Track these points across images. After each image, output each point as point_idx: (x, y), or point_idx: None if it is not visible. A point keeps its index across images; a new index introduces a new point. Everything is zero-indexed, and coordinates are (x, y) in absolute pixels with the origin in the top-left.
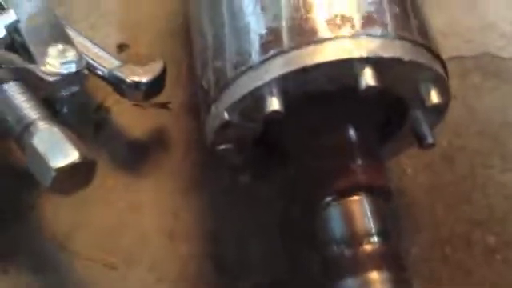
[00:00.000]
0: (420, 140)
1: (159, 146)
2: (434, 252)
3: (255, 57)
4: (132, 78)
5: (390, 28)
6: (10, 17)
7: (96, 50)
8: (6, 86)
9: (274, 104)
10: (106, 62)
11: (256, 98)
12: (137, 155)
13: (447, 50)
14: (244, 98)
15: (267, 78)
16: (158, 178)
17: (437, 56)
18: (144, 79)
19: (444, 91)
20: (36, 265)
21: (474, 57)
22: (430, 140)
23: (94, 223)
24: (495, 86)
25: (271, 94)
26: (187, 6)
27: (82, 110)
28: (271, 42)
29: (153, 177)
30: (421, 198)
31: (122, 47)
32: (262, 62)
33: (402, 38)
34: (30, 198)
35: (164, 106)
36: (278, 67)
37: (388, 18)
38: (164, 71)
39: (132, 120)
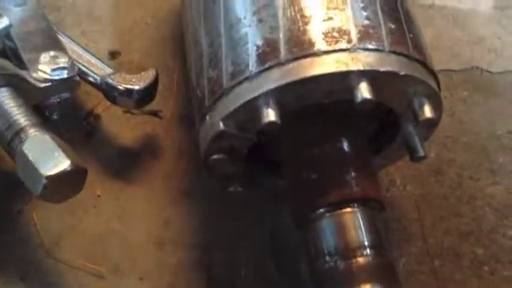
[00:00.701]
0: (411, 153)
1: (149, 153)
2: (423, 264)
3: (252, 67)
4: (124, 86)
5: (386, 42)
6: (2, 22)
7: (88, 56)
8: None
9: (271, 115)
10: (98, 69)
11: (252, 108)
12: (127, 163)
13: (435, 63)
14: (240, 108)
15: (264, 89)
16: (148, 186)
17: (431, 71)
18: (136, 87)
19: (437, 106)
20: (22, 272)
21: (462, 70)
22: (421, 153)
23: (82, 231)
24: (483, 99)
25: (267, 105)
26: (181, 15)
27: (72, 117)
28: (268, 54)
29: (143, 185)
30: (409, 209)
31: (114, 54)
32: (259, 72)
33: (397, 53)
34: (17, 204)
35: (155, 114)
36: (275, 79)
37: (384, 33)
38: (156, 80)
39: (122, 127)
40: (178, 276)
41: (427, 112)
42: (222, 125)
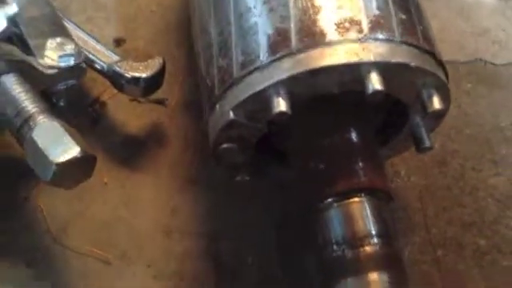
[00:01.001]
0: (418, 143)
1: (155, 142)
2: (426, 253)
3: (263, 57)
4: (131, 74)
5: (396, 33)
6: (11, 9)
7: (94, 43)
8: (3, 78)
9: (281, 105)
10: (105, 56)
11: (262, 98)
12: (133, 150)
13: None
14: (250, 98)
15: (274, 79)
16: (154, 174)
17: (440, 62)
18: (143, 75)
19: (445, 98)
20: (29, 258)
21: (466, 62)
22: (427, 144)
23: (90, 218)
24: (487, 91)
25: (278, 95)
26: (186, 2)
27: (79, 104)
28: (279, 43)
29: (149, 173)
30: (413, 200)
31: (118, 41)
32: (270, 62)
33: (408, 44)
34: (24, 191)
35: (161, 102)
36: (286, 69)
37: (395, 24)
38: (163, 68)
39: (128, 115)
40: (185, 264)
41: (436, 103)
42: (232, 114)
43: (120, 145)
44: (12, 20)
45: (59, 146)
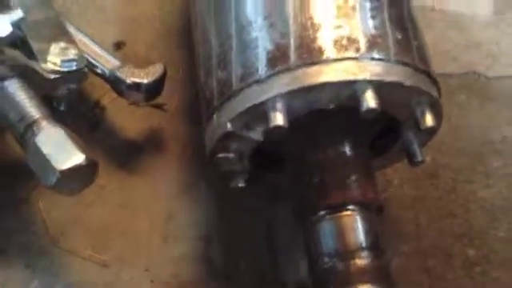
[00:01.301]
0: (410, 157)
1: (154, 146)
2: (416, 263)
3: (262, 71)
4: (133, 79)
5: (392, 52)
6: (16, 14)
7: (95, 48)
8: (7, 83)
9: (278, 119)
10: (106, 60)
11: (260, 111)
12: (131, 154)
13: (434, 67)
14: (248, 110)
15: (273, 93)
16: (152, 178)
17: (434, 81)
18: (145, 81)
19: (438, 114)
20: (27, 260)
21: (459, 75)
22: (419, 158)
23: (87, 221)
24: (479, 104)
25: (275, 109)
26: (188, 8)
27: (78, 108)
28: (278, 59)
29: (147, 177)
30: (405, 209)
31: (119, 45)
32: (269, 76)
33: (403, 64)
34: (22, 192)
35: (160, 107)
36: (284, 84)
37: (391, 43)
38: (164, 74)
39: (127, 119)
40: (181, 267)
41: (429, 121)
42: (229, 125)
43: (119, 149)
44: (17, 25)
45: (63, 152)
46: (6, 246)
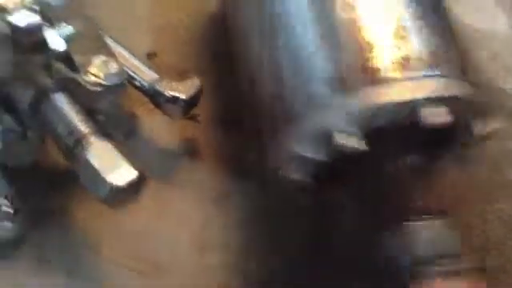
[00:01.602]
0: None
1: (188, 156)
2: None
3: (325, 94)
4: (172, 93)
5: (450, 69)
6: (68, 29)
7: (134, 61)
8: (55, 96)
9: (352, 141)
10: (144, 73)
11: (325, 133)
12: (166, 164)
13: None
14: (312, 133)
15: (337, 115)
16: (187, 187)
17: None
18: (183, 96)
19: (485, 123)
20: (67, 267)
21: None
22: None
23: (123, 229)
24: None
25: (340, 131)
26: (219, 18)
27: (114, 118)
28: (338, 81)
29: (182, 186)
30: None
31: (150, 56)
32: (331, 99)
33: (460, 79)
34: (61, 201)
35: (193, 118)
36: (347, 105)
37: (448, 60)
38: (201, 89)
39: (161, 130)
40: (216, 278)
41: (481, 129)
42: (293, 148)
43: (153, 158)
44: (67, 39)
45: (116, 168)
46: (46, 256)
